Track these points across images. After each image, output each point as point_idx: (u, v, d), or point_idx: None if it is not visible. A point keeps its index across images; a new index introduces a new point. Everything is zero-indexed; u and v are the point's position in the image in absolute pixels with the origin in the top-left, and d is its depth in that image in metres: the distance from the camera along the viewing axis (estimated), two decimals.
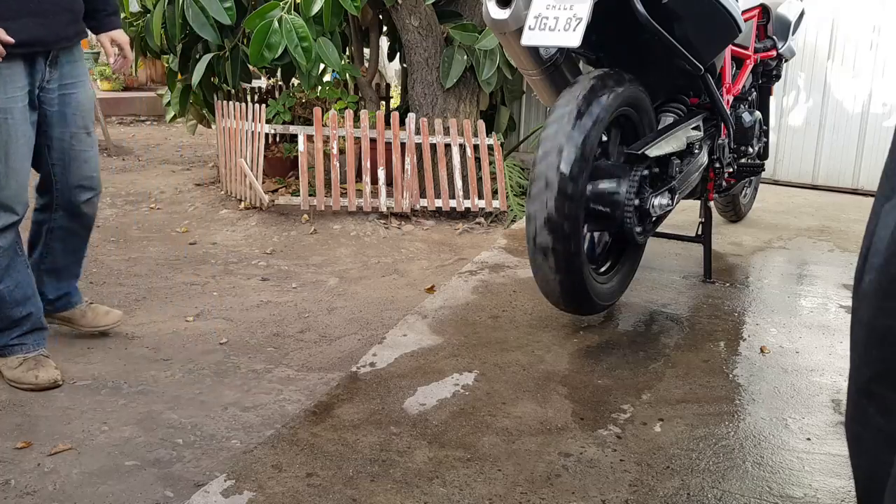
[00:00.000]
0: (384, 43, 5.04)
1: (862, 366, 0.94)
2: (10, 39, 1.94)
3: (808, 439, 1.89)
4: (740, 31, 2.55)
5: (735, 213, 3.81)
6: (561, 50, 2.48)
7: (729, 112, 2.87)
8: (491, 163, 4.17)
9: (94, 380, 2.19)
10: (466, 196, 4.06)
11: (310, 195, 3.85)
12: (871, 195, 4.38)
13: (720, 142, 2.86)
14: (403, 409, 1.98)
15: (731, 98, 2.96)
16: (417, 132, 4.05)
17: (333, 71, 4.40)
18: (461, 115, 4.19)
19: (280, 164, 4.55)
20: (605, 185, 2.37)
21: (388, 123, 4.05)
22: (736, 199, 3.71)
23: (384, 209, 3.93)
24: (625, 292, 2.70)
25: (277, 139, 4.70)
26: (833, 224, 3.94)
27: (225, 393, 2.13)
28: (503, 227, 3.99)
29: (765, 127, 3.37)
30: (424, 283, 3.08)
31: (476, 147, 4.16)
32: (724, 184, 3.07)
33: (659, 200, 2.46)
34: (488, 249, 3.44)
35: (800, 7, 3.47)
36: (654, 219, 2.49)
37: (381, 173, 3.94)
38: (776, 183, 4.83)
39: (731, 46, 2.84)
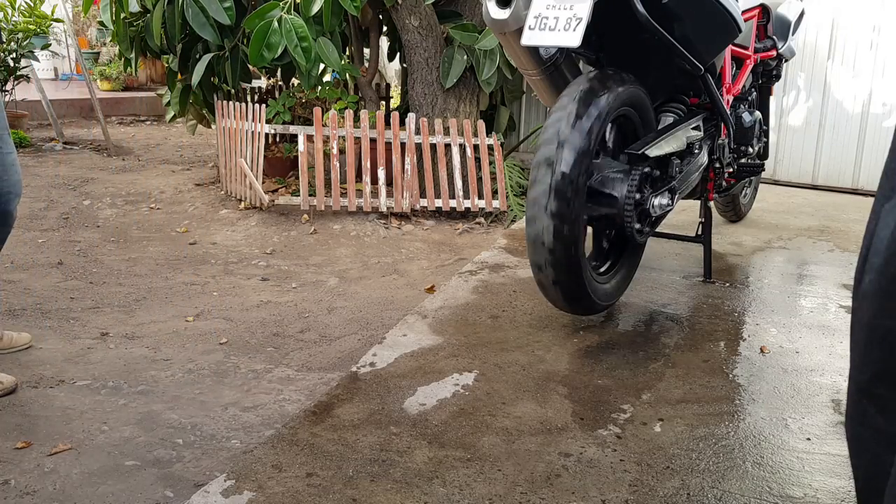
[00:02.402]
0: (384, 43, 5.04)
1: (862, 366, 0.94)
2: None
3: (808, 439, 1.89)
4: (740, 31, 2.55)
5: (735, 213, 3.81)
6: (561, 50, 2.48)
7: (729, 112, 2.87)
8: (491, 163, 4.17)
9: (94, 380, 2.19)
10: (466, 196, 4.06)
11: (310, 195, 3.85)
12: (871, 195, 4.39)
13: (720, 142, 2.86)
14: (403, 409, 1.98)
15: (731, 98, 2.96)
16: (417, 132, 4.05)
17: (333, 71, 4.40)
18: (461, 115, 4.19)
19: (280, 164, 4.55)
20: (605, 185, 2.38)
21: (388, 123, 4.05)
22: (736, 199, 3.71)
23: (384, 209, 3.93)
24: (625, 292, 2.70)
25: (277, 139, 4.71)
26: (833, 224, 3.94)
27: (225, 393, 2.13)
28: (503, 227, 3.99)
29: (765, 127, 3.37)
30: (424, 283, 3.07)
31: (476, 147, 4.16)
32: (724, 184, 3.07)
33: (659, 200, 2.46)
34: (488, 249, 3.44)
35: (800, 7, 3.47)
36: (653, 219, 2.49)
37: (381, 173, 3.94)
38: (776, 183, 4.83)
39: (731, 46, 2.84)
